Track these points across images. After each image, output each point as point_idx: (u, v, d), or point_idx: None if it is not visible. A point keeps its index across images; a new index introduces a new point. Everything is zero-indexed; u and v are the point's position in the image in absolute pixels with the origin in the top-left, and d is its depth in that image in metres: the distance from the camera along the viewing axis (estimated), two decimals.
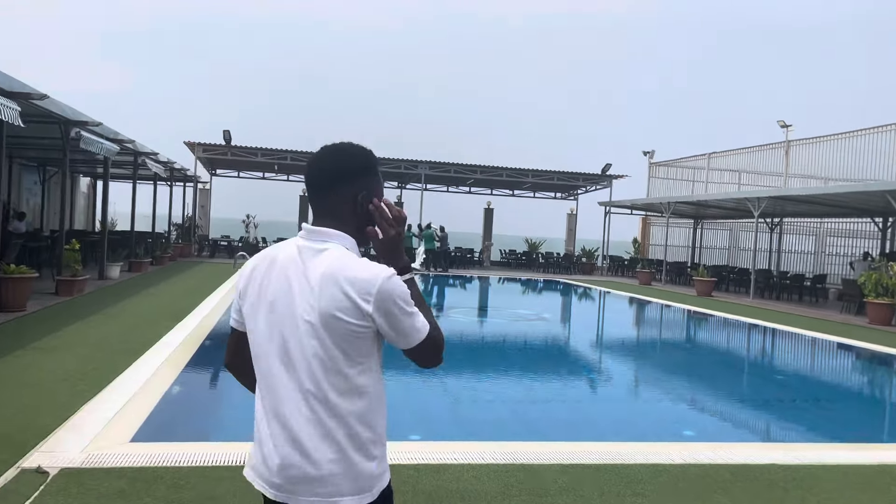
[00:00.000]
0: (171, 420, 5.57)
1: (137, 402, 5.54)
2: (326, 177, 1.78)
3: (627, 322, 16.24)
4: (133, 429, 4.88)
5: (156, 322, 9.67)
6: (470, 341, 11.45)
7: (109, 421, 4.96)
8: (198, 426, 5.68)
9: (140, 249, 18.35)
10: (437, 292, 21.03)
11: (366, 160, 1.82)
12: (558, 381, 8.30)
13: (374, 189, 1.80)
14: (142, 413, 5.29)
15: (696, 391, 8.39)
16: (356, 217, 1.78)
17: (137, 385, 6.04)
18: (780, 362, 11.61)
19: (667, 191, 32.95)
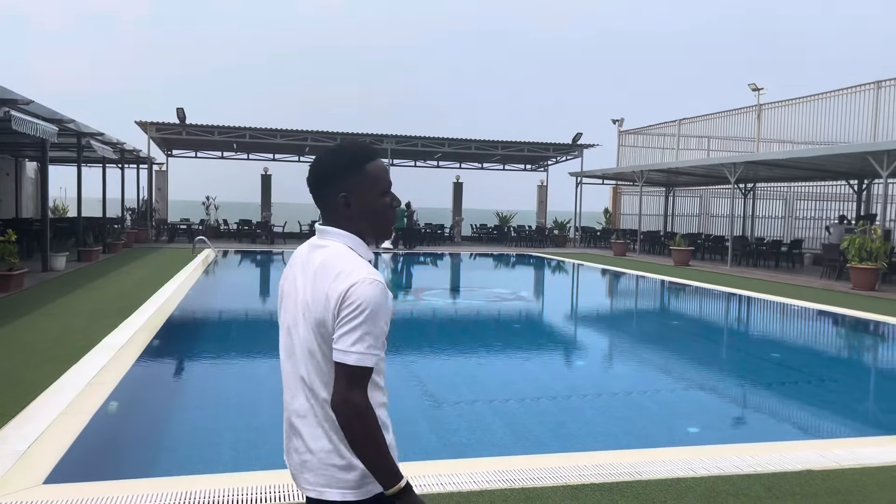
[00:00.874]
0: (101, 451, 4.70)
1: (58, 430, 4.65)
2: (313, 179, 1.84)
3: (608, 299, 15.65)
4: (48, 466, 4.01)
5: (98, 320, 8.71)
6: (444, 329, 10.70)
7: (20, 457, 4.08)
8: (135, 458, 4.81)
9: (89, 237, 17.14)
10: (407, 272, 20.24)
11: (349, 158, 1.81)
12: (545, 373, 7.58)
13: (358, 187, 1.79)
14: (62, 443, 4.41)
15: (694, 375, 7.76)
16: (348, 216, 1.80)
17: (61, 405, 5.13)
18: (776, 336, 11.07)
19: (637, 159, 32.47)
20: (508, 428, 5.41)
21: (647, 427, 5.61)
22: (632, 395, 6.62)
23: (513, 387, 6.72)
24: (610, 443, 5.13)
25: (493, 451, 4.85)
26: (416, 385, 6.66)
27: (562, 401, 6.27)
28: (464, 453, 4.78)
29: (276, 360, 2.31)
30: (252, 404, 5.95)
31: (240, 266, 20.39)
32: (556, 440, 5.18)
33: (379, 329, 1.63)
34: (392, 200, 1.85)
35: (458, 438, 5.15)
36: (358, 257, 1.73)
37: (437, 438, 5.14)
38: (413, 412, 5.78)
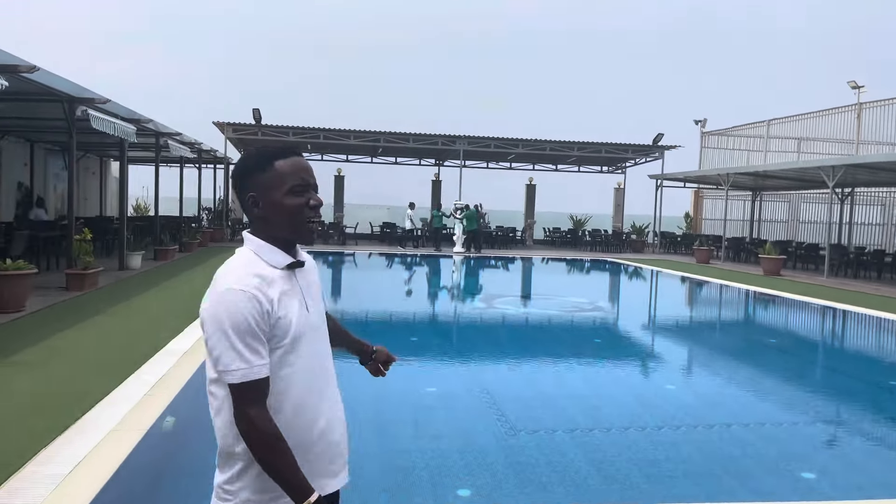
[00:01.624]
0: (149, 477, 4.36)
1: (107, 449, 4.33)
2: (232, 183, 1.85)
3: (696, 312, 14.67)
4: (87, 496, 3.67)
5: (165, 322, 8.55)
6: (518, 341, 10.09)
7: (59, 482, 3.76)
8: (185, 487, 4.46)
9: (165, 236, 17.37)
10: (478, 276, 19.72)
11: (256, 158, 1.76)
12: (631, 397, 6.86)
13: (265, 186, 1.73)
14: (108, 467, 4.07)
15: (802, 405, 6.91)
16: (260, 217, 1.75)
17: (114, 420, 4.84)
18: (892, 359, 9.98)
19: (721, 162, 30.95)
20: (594, 466, 4.78)
21: (753, 469, 4.88)
22: (731, 427, 5.87)
23: (597, 414, 6.07)
24: (712, 489, 4.45)
25: (579, 493, 4.26)
26: (490, 406, 6.11)
27: (652, 433, 5.59)
28: (546, 496, 4.21)
29: (354, 363, 2.38)
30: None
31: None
32: (649, 483, 4.52)
33: (238, 338, 1.58)
34: (310, 200, 1.75)
35: (537, 475, 4.56)
36: (243, 265, 1.68)
37: (515, 475, 4.57)
38: (486, 439, 5.23)
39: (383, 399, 6.18)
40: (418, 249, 24.10)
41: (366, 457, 4.75)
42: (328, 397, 1.82)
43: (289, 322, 1.67)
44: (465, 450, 4.98)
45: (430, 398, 6.31)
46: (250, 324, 1.59)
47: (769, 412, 6.53)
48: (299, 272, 1.79)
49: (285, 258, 1.73)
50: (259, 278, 1.65)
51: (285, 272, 1.72)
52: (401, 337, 9.74)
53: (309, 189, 1.76)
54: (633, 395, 6.81)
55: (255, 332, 1.60)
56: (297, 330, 1.69)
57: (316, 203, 1.77)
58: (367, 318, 11.54)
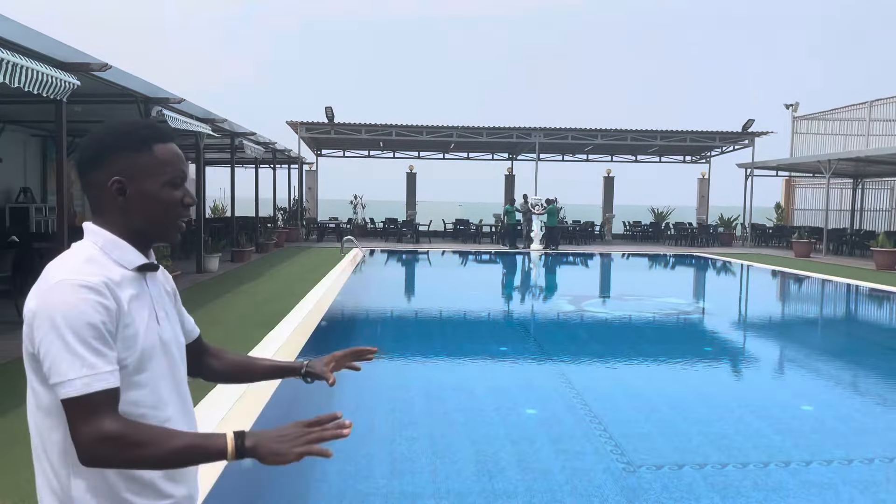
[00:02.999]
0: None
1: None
2: (82, 159, 1.48)
3: (817, 315, 13.42)
4: None
5: (243, 331, 8.14)
6: (617, 350, 9.23)
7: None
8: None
9: (242, 237, 17.27)
10: (561, 275, 18.86)
11: (131, 135, 1.46)
12: (764, 423, 5.95)
13: (139, 171, 1.45)
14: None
15: None
16: (121, 209, 1.45)
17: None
18: None
19: (814, 148, 28.98)
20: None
21: None
22: (894, 462, 4.93)
23: (726, 444, 5.22)
24: None
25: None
26: (600, 432, 5.35)
27: (799, 470, 4.71)
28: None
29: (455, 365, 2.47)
30: (446, 425, 4.92)
31: (389, 265, 19.95)
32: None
33: (77, 339, 1.28)
34: (185, 197, 1.50)
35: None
36: (83, 259, 1.39)
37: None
38: (602, 478, 4.48)
39: (478, 423, 5.52)
40: (517, 247, 23.25)
41: (468, 497, 4.09)
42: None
43: (135, 333, 1.39)
44: (579, 492, 4.26)
45: (530, 423, 5.60)
46: (93, 321, 1.30)
47: None
48: (150, 279, 1.51)
49: (139, 257, 1.47)
50: (103, 276, 1.36)
51: (135, 275, 1.45)
52: (489, 346, 9.07)
53: (185, 183, 1.53)
54: (763, 418, 5.90)
55: (101, 333, 1.31)
56: (147, 344, 1.41)
57: (191, 202, 1.52)
58: (446, 323, 10.93)
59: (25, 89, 6.52)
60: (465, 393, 6.45)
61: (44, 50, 7.22)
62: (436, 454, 4.81)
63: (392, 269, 19.41)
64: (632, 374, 7.55)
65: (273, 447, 1.34)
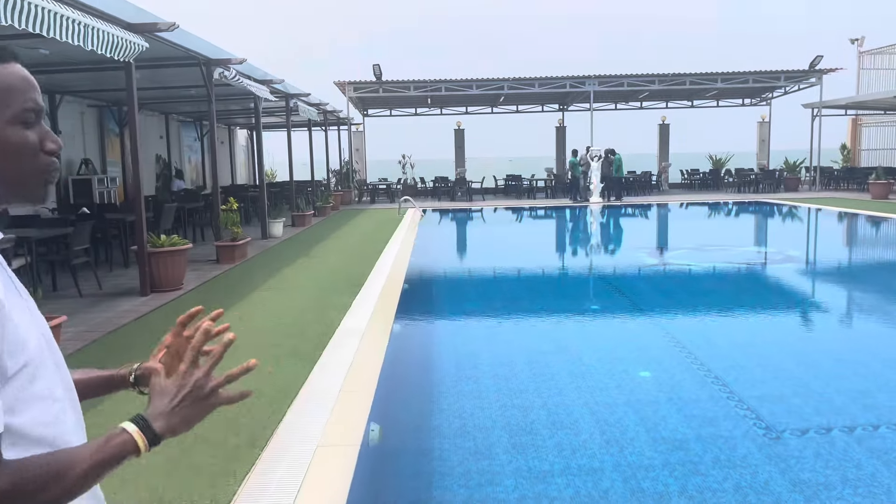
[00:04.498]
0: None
1: (327, 473, 3.62)
2: None
3: None
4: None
5: (329, 296, 7.95)
6: (726, 308, 8.76)
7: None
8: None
9: (301, 201, 17.15)
10: (631, 227, 18.31)
11: None
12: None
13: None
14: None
15: None
16: None
17: (313, 425, 4.14)
18: None
19: (883, 84, 27.41)
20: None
21: None
22: None
23: (871, 402, 4.81)
24: None
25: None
26: (728, 396, 4.99)
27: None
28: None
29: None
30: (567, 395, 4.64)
31: (450, 224, 19.68)
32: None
33: None
34: (45, 141, 1.06)
35: (836, 501, 3.46)
36: None
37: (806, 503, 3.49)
38: (744, 446, 4.14)
39: (593, 389, 5.21)
40: (584, 202, 22.66)
41: (602, 474, 3.81)
42: None
43: (17, 328, 0.99)
44: (723, 464, 3.92)
45: (647, 387, 5.27)
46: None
47: None
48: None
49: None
50: None
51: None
52: (581, 305, 8.75)
53: (41, 119, 1.08)
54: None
55: None
56: (34, 343, 1.03)
57: (54, 147, 1.09)
58: (529, 282, 10.62)
59: (98, 52, 6.30)
60: (569, 356, 6.15)
61: (110, 10, 6.97)
62: (555, 425, 4.53)
63: (456, 228, 19.12)
64: (742, 329, 7.14)
65: (179, 421, 1.11)
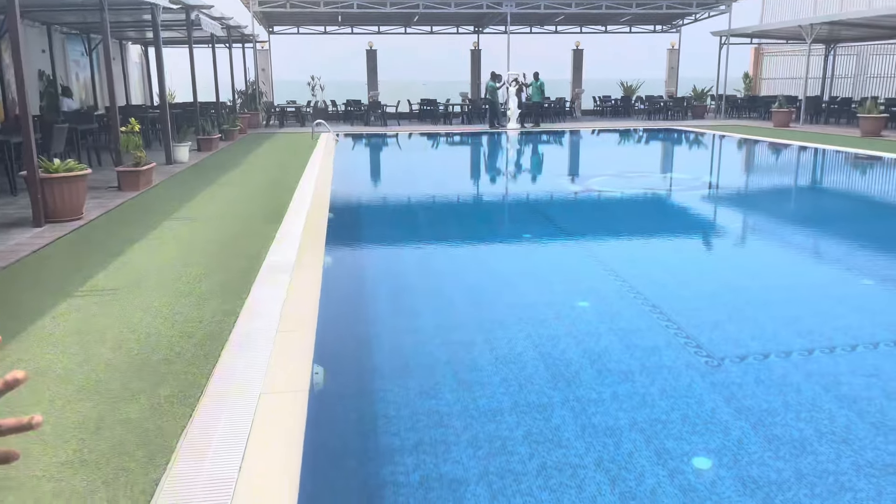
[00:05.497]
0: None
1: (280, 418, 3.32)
2: None
3: (842, 186, 13.24)
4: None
5: (250, 229, 7.46)
6: (655, 234, 8.86)
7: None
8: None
9: (207, 124, 16.07)
10: (553, 154, 18.30)
11: None
12: (839, 305, 5.73)
13: None
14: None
15: None
16: None
17: (247, 374, 3.81)
18: None
19: (784, 14, 28.22)
20: (849, 408, 3.72)
21: None
22: None
23: (803, 327, 4.94)
24: None
25: (854, 454, 3.22)
26: (665, 325, 5.01)
27: (891, 350, 4.48)
28: (815, 462, 3.17)
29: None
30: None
31: (368, 150, 19.07)
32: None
33: None
34: None
35: (784, 429, 3.52)
36: None
37: (753, 431, 3.52)
38: (688, 375, 4.16)
39: (534, 322, 5.11)
40: (500, 127, 22.34)
41: (552, 410, 3.73)
42: None
43: None
44: (669, 394, 3.92)
45: (588, 318, 5.22)
46: None
47: None
48: None
49: None
50: None
51: None
52: (512, 233, 8.63)
53: None
54: (830, 297, 5.66)
55: None
56: None
57: None
58: (457, 210, 10.40)
59: None
60: (507, 288, 6.03)
61: None
62: (500, 361, 4.40)
63: (375, 154, 18.56)
64: (673, 256, 7.22)
65: None
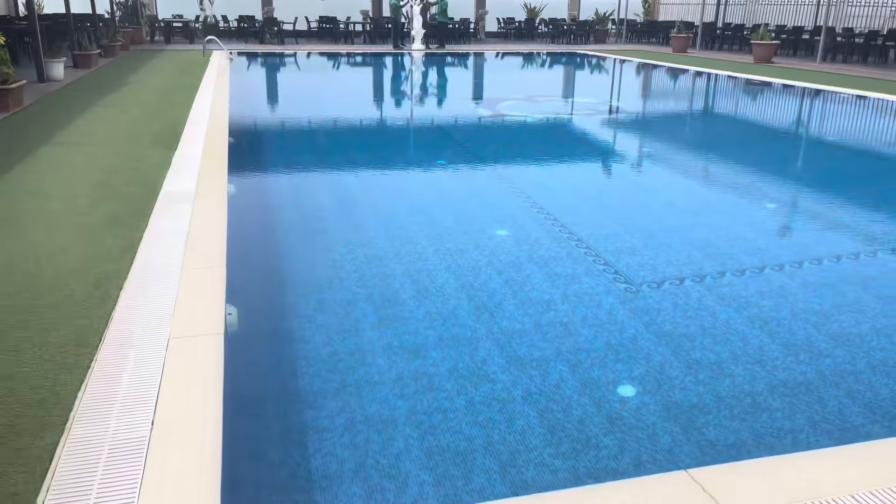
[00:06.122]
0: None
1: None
2: None
3: (745, 110, 13.59)
4: None
5: (142, 154, 6.84)
6: (566, 160, 8.82)
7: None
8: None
9: (84, 39, 14.61)
10: (459, 77, 17.91)
11: None
12: (746, 228, 5.88)
13: None
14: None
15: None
16: None
17: (150, 313, 3.49)
18: None
19: None
20: (758, 327, 3.85)
21: None
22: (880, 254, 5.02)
23: (715, 251, 5.05)
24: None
25: (761, 370, 3.34)
26: (584, 252, 5.01)
27: (794, 271, 4.66)
28: (730, 384, 3.27)
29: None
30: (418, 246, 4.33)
31: (266, 70, 18.01)
32: (838, 345, 3.63)
33: None
34: None
35: (700, 352, 3.61)
36: None
37: (673, 355, 3.59)
38: (608, 302, 4.18)
39: (452, 252, 4.98)
40: (404, 48, 21.49)
41: (477, 343, 3.66)
42: None
43: None
44: (591, 323, 3.93)
45: (507, 247, 5.14)
46: None
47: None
48: None
49: None
50: None
51: None
52: (425, 159, 8.39)
53: None
54: (736, 220, 5.81)
55: None
56: None
57: None
58: (365, 133, 10.01)
59: None
60: (423, 216, 5.85)
61: None
62: (421, 294, 4.27)
63: (274, 75, 17.55)
64: (589, 183, 7.22)
65: None
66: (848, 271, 4.72)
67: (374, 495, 2.60)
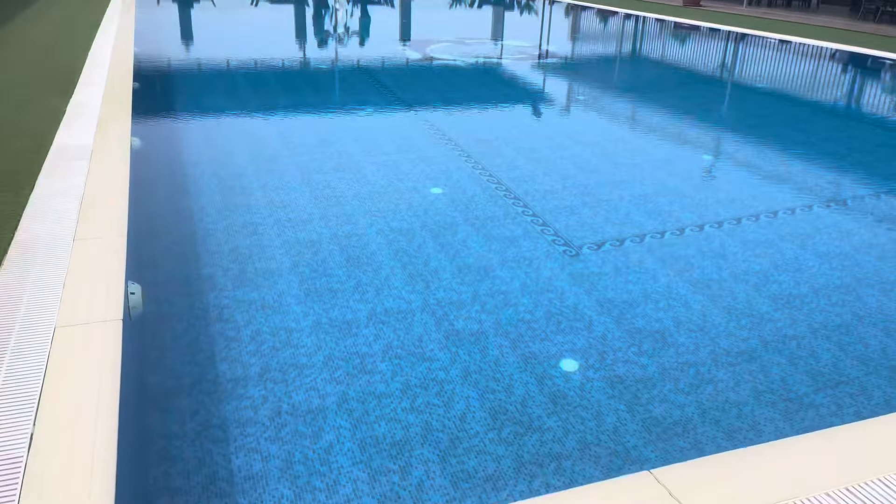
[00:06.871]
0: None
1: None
2: None
3: (675, 56, 13.45)
4: None
5: (30, 101, 6.15)
6: (494, 105, 8.51)
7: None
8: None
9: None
10: (378, 16, 17.15)
11: None
12: (683, 184, 5.76)
13: None
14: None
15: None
16: None
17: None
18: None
19: None
20: (703, 293, 3.75)
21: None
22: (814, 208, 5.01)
23: (654, 208, 4.92)
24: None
25: (707, 341, 3.26)
26: (521, 210, 4.80)
27: (734, 228, 4.58)
28: (678, 355, 3.16)
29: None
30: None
31: (173, 6, 16.75)
32: (789, 307, 3.57)
33: None
34: None
35: (646, 321, 3.49)
36: None
37: (617, 326, 3.46)
38: (547, 267, 4.01)
39: (383, 213, 4.69)
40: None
41: (412, 317, 3.42)
42: None
43: None
44: (531, 290, 3.75)
45: (441, 207, 4.87)
46: None
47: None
48: None
49: None
50: None
51: None
52: (348, 105, 7.92)
53: None
54: (674, 175, 5.68)
55: None
56: None
57: None
58: (281, 78, 9.41)
59: None
60: (351, 172, 5.49)
61: None
62: (351, 262, 3.98)
63: (185, 12, 16.39)
64: (523, 134, 6.92)
65: None
66: (785, 228, 4.67)
67: (304, 496, 2.37)
